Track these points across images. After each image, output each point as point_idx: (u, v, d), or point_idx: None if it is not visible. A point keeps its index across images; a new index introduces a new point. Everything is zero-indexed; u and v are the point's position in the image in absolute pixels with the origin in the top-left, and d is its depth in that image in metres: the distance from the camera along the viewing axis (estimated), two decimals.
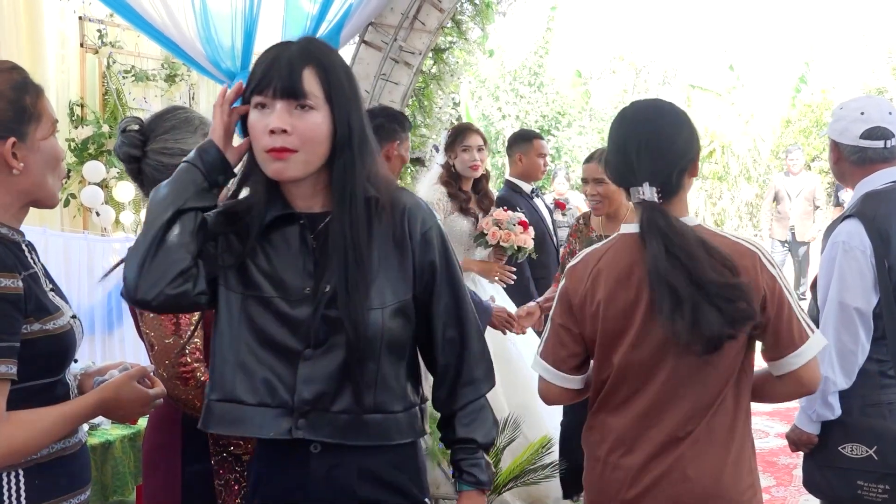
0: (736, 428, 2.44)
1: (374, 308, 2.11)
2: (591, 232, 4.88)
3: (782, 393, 2.57)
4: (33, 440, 2.09)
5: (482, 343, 2.31)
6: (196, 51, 5.34)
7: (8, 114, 2.13)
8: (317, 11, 5.18)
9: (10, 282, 2.05)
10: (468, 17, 5.49)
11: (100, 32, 6.99)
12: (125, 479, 4.41)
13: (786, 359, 2.45)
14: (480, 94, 16.89)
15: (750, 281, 2.34)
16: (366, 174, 2.14)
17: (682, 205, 2.54)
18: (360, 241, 2.10)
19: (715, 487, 2.40)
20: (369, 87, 5.24)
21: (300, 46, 2.11)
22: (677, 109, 2.64)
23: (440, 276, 2.22)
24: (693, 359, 2.35)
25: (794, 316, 2.44)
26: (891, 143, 3.27)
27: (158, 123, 2.77)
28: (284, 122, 2.04)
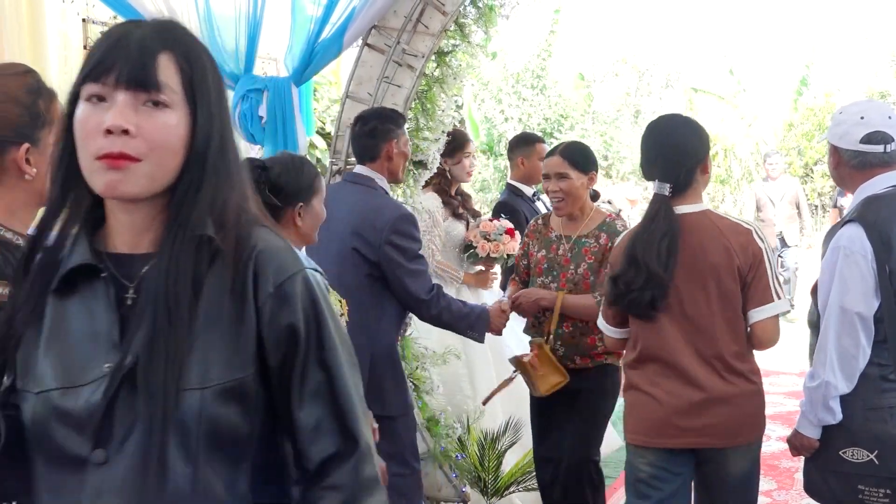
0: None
1: (191, 388, 1.53)
2: (550, 232, 4.44)
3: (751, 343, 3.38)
4: None
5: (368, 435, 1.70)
6: None
7: (23, 119, 2.13)
8: (320, 14, 5.19)
9: (2, 290, 2.01)
10: (471, 20, 5.50)
11: None
12: None
13: (750, 312, 3.30)
14: (483, 96, 16.90)
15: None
16: (211, 201, 1.60)
17: (695, 195, 3.37)
18: (180, 295, 1.55)
19: None
20: (372, 90, 5.25)
21: (157, 26, 1.63)
22: (689, 121, 3.54)
23: (305, 344, 1.63)
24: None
25: (767, 283, 3.29)
26: (890, 147, 3.27)
27: None
28: (127, 119, 1.53)
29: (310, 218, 3.31)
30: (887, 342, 3.16)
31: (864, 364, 3.17)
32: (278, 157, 3.47)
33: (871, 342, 3.17)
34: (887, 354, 3.17)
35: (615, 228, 4.26)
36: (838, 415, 3.21)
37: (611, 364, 4.35)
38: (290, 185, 3.26)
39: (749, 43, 20.76)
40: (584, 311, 4.22)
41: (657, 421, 3.33)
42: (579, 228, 4.34)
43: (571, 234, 4.35)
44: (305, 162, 3.46)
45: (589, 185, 4.35)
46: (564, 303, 4.25)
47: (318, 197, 3.34)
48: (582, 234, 4.33)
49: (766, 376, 9.46)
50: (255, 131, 5.38)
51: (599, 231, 4.30)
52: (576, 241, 4.33)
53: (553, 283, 4.34)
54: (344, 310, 3.49)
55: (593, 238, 4.29)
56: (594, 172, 4.39)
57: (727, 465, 3.33)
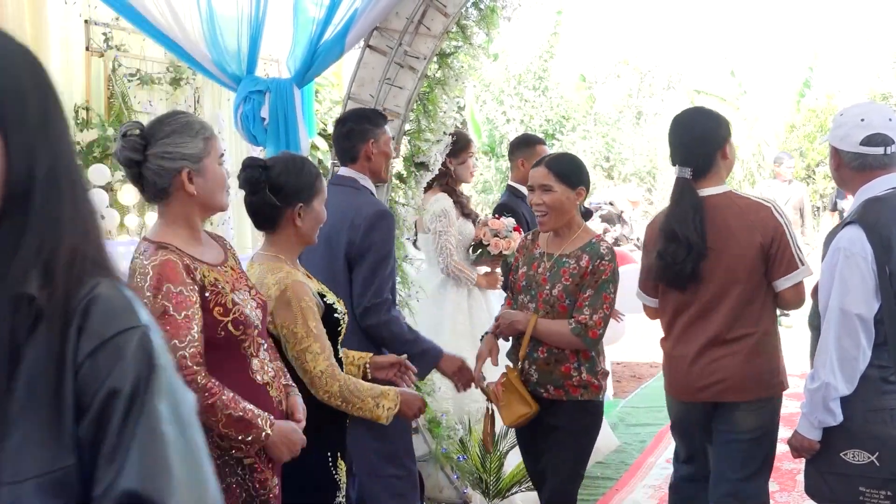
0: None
1: (6, 483, 1.25)
2: (536, 248, 4.16)
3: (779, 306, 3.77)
4: None
5: None
6: (202, 54, 5.36)
7: None
8: (322, 15, 5.20)
9: None
10: (473, 22, 5.51)
11: (105, 36, 7.02)
12: None
13: (777, 281, 3.65)
14: (485, 98, 16.90)
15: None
16: (37, 250, 1.30)
17: (717, 177, 3.73)
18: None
19: None
20: (374, 92, 5.26)
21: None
22: (708, 112, 3.95)
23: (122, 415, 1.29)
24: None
25: (791, 253, 3.61)
26: (891, 149, 3.28)
27: (159, 128, 2.79)
28: None
29: (310, 219, 3.31)
30: (888, 344, 3.16)
31: (864, 366, 3.18)
32: (279, 156, 3.48)
33: (872, 344, 3.17)
34: (887, 356, 3.17)
35: (598, 250, 3.93)
36: (839, 416, 3.21)
37: (590, 401, 4.02)
38: (290, 185, 3.26)
39: (751, 44, 20.73)
40: (555, 338, 3.95)
41: (678, 381, 3.87)
42: (563, 247, 4.04)
43: (554, 252, 4.05)
44: (307, 162, 3.46)
45: (577, 200, 4.03)
46: (536, 328, 3.95)
47: (319, 198, 3.34)
48: (564, 254, 4.01)
49: None
50: (257, 133, 5.39)
51: (582, 252, 3.96)
52: (556, 260, 4.01)
53: (531, 303, 4.05)
54: (345, 309, 3.50)
55: (574, 259, 3.96)
56: (583, 188, 4.04)
57: (737, 421, 3.75)
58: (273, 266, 3.27)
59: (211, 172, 2.84)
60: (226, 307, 2.79)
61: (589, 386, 3.97)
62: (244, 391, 2.80)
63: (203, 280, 2.76)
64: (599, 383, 4.01)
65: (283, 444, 2.89)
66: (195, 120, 2.86)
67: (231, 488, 2.81)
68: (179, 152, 2.77)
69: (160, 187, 2.79)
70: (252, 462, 2.85)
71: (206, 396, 2.67)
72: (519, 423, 4.01)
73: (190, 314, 2.68)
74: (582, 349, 3.93)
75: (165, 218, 2.85)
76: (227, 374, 2.78)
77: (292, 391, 3.10)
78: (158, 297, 2.66)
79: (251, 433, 2.77)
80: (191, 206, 2.83)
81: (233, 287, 2.86)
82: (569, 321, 3.90)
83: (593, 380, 3.98)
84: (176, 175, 2.78)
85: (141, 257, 2.75)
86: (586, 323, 3.86)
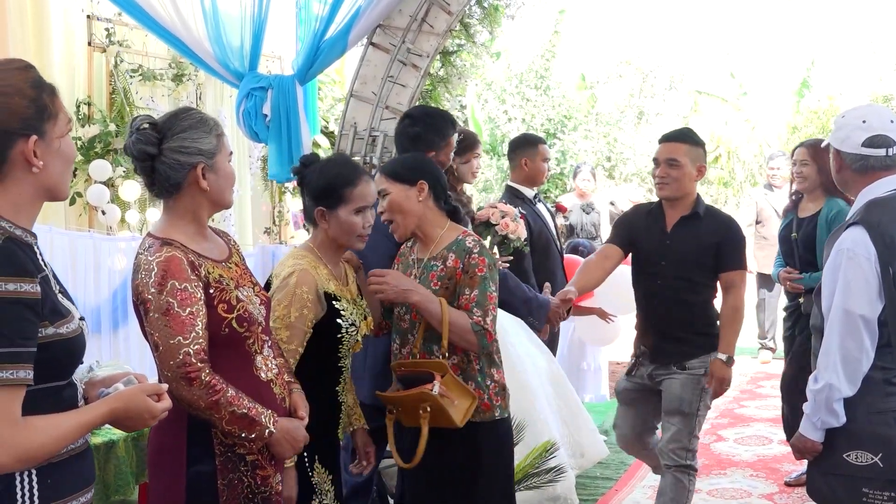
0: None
1: None
2: (411, 255, 3.79)
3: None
4: (49, 446, 2.09)
5: None
6: (204, 51, 5.36)
7: (29, 111, 2.14)
8: (326, 13, 5.21)
9: (30, 286, 2.05)
10: (476, 21, 5.51)
11: (107, 31, 7.01)
12: (127, 479, 4.42)
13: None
14: (486, 96, 16.87)
15: None
16: None
17: None
18: None
19: None
20: (377, 89, 5.26)
21: None
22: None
23: None
24: None
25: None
26: (892, 150, 3.27)
27: (175, 122, 2.80)
28: None
29: (335, 224, 3.38)
30: (891, 345, 3.16)
31: (867, 367, 3.17)
32: (329, 156, 3.56)
33: (875, 345, 3.17)
34: (891, 358, 3.17)
35: (464, 246, 3.58)
36: (842, 418, 3.20)
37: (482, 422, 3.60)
38: (312, 186, 3.43)
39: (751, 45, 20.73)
40: (457, 331, 3.49)
41: None
42: (429, 250, 3.68)
43: (423, 256, 3.70)
44: (335, 168, 3.47)
45: (420, 196, 3.63)
46: (446, 314, 3.49)
47: (348, 206, 3.37)
48: (431, 257, 3.65)
49: (767, 379, 9.49)
50: (259, 129, 5.39)
51: (448, 252, 3.60)
52: (425, 265, 3.65)
53: (406, 315, 3.65)
54: (363, 321, 3.49)
55: (440, 260, 3.61)
56: (424, 182, 3.65)
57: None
58: (301, 253, 3.39)
59: (222, 169, 2.85)
60: (230, 304, 2.79)
61: (479, 404, 3.58)
62: (248, 388, 2.80)
63: (208, 276, 2.76)
64: (491, 401, 3.63)
65: (287, 441, 2.90)
66: (208, 117, 2.88)
67: (233, 484, 2.81)
68: (196, 147, 2.77)
69: (173, 182, 2.79)
70: (255, 458, 2.85)
71: (210, 393, 2.66)
72: (468, 417, 3.49)
73: (194, 311, 2.67)
74: (475, 350, 3.55)
75: (172, 213, 2.84)
76: (231, 371, 2.78)
77: (295, 388, 3.10)
78: (163, 293, 2.66)
79: (255, 430, 2.76)
80: (200, 201, 2.83)
81: (237, 283, 2.85)
82: (469, 316, 3.51)
83: (485, 396, 3.61)
84: (191, 170, 2.78)
85: (146, 253, 2.75)
86: (483, 326, 3.49)
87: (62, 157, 2.23)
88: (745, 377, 9.28)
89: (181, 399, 2.64)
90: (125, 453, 4.43)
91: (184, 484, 2.78)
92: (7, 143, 2.12)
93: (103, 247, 5.90)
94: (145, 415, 2.27)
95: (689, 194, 4.75)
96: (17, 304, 2.02)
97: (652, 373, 4.79)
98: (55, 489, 2.16)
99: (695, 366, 4.65)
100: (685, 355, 4.67)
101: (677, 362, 4.68)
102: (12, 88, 2.13)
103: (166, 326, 2.65)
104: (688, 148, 4.72)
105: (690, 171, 4.69)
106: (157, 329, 2.66)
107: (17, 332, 2.01)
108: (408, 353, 3.62)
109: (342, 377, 3.43)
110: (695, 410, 4.64)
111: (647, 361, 4.82)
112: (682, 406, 4.65)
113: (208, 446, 2.80)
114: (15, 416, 2.02)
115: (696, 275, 4.67)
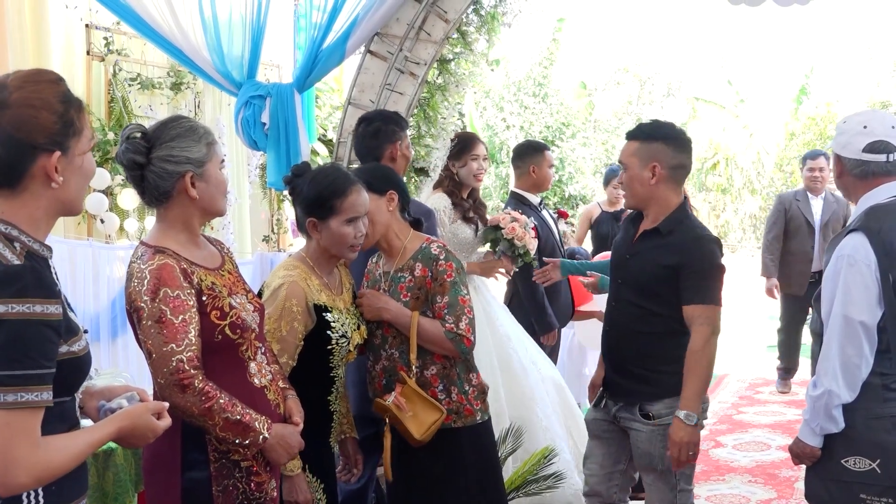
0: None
1: None
2: (377, 269, 3.78)
3: None
4: (65, 465, 2.10)
5: None
6: (203, 59, 5.37)
7: (56, 126, 2.13)
8: (324, 21, 5.21)
9: (55, 308, 2.05)
10: (474, 28, 5.52)
11: (106, 40, 7.01)
12: (126, 487, 4.41)
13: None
14: (485, 104, 16.92)
15: None
16: None
17: None
18: None
19: None
20: (374, 97, 5.27)
21: None
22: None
23: None
24: None
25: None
26: (893, 156, 3.28)
27: (163, 131, 2.80)
28: None
29: (327, 235, 3.37)
30: (890, 351, 3.16)
31: (866, 373, 3.17)
32: (320, 166, 3.60)
33: (874, 351, 3.17)
34: (889, 364, 3.17)
35: (430, 253, 3.59)
36: (841, 423, 3.20)
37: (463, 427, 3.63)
38: (302, 197, 3.42)
39: (749, 52, 20.77)
40: (432, 339, 3.53)
41: None
42: (395, 261, 3.66)
43: (390, 269, 3.68)
44: (327, 178, 3.43)
45: (389, 205, 3.63)
46: (417, 325, 3.51)
47: (339, 217, 3.35)
48: (398, 268, 3.64)
49: (766, 385, 9.45)
50: (257, 137, 5.40)
51: (414, 261, 3.60)
52: (392, 278, 3.64)
53: (378, 330, 3.63)
54: (355, 332, 3.49)
55: (408, 271, 3.60)
56: (394, 192, 3.65)
57: None
58: (293, 264, 3.38)
59: (213, 177, 2.85)
60: (223, 311, 2.79)
61: (461, 410, 3.63)
62: (242, 394, 2.81)
63: (200, 284, 2.76)
64: (472, 406, 3.65)
65: (281, 447, 2.90)
66: (199, 125, 2.87)
67: (228, 490, 2.82)
68: (184, 156, 2.77)
69: (162, 190, 2.79)
70: (250, 465, 2.86)
71: (204, 400, 2.67)
72: (431, 432, 3.50)
73: (187, 318, 2.68)
74: (455, 356, 3.58)
75: (164, 221, 2.85)
76: (225, 378, 2.78)
77: (290, 394, 3.10)
78: (156, 301, 2.66)
79: (249, 437, 2.77)
80: (191, 210, 2.84)
81: (230, 291, 2.86)
82: (441, 324, 3.53)
83: (465, 401, 3.64)
84: (179, 178, 2.78)
85: (138, 261, 2.75)
86: (457, 332, 3.51)
87: (82, 174, 2.22)
88: (743, 383, 9.27)
89: (175, 406, 2.64)
90: (124, 461, 4.42)
91: (179, 490, 2.79)
92: (30, 156, 2.11)
93: (102, 255, 5.91)
94: (148, 433, 2.29)
95: (655, 202, 3.82)
96: (44, 326, 2.02)
97: (616, 414, 3.94)
98: (59, 496, 2.17)
99: (661, 413, 3.76)
100: (645, 396, 3.81)
101: (636, 403, 3.84)
102: (42, 102, 2.12)
103: (159, 334, 2.66)
104: (637, 146, 3.81)
105: (639, 173, 3.77)
106: (150, 336, 2.67)
107: (42, 355, 2.02)
108: (381, 369, 3.66)
109: (334, 387, 3.43)
110: (669, 465, 3.77)
111: (609, 396, 4.01)
112: (652, 463, 3.83)
113: (203, 453, 2.80)
114: (36, 438, 2.03)
115: (651, 302, 3.78)
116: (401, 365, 3.59)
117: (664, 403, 3.76)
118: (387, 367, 3.64)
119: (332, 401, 3.44)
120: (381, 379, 3.66)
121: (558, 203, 15.35)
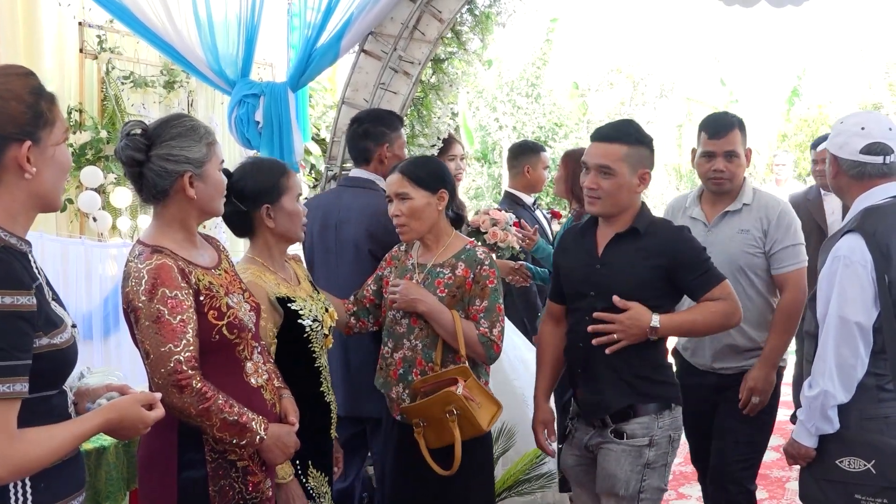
0: None
1: None
2: (408, 259, 3.82)
3: None
4: (44, 458, 2.09)
5: None
6: (196, 57, 5.36)
7: (25, 116, 2.13)
8: (318, 20, 5.21)
9: (26, 299, 2.05)
10: (468, 28, 5.52)
11: (99, 38, 7.01)
12: (118, 485, 4.40)
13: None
14: (478, 104, 16.91)
15: None
16: None
17: None
18: None
19: None
20: (368, 96, 5.27)
21: None
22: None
23: None
24: None
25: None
26: (890, 158, 3.28)
27: (164, 129, 2.79)
28: None
29: (282, 216, 3.35)
30: (885, 352, 3.16)
31: (862, 374, 3.18)
32: (242, 162, 3.52)
33: (870, 352, 3.17)
34: (884, 364, 3.17)
35: (475, 257, 3.64)
36: (836, 424, 3.21)
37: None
38: (250, 189, 3.32)
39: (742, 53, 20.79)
40: (467, 341, 3.56)
41: None
42: (435, 256, 3.72)
43: (426, 262, 3.72)
44: (267, 162, 3.52)
45: (440, 205, 3.68)
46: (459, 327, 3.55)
47: (290, 195, 3.37)
48: (437, 263, 3.69)
49: None
50: (251, 136, 5.39)
51: (457, 260, 3.65)
52: (429, 271, 3.68)
53: (404, 319, 3.67)
54: (324, 316, 3.47)
55: (449, 268, 3.65)
56: (445, 191, 3.69)
57: None
58: (242, 266, 3.34)
59: (211, 178, 2.84)
60: (220, 311, 2.79)
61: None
62: (238, 394, 2.80)
63: (198, 284, 2.75)
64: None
65: (278, 447, 2.90)
66: (200, 124, 2.86)
67: (224, 490, 2.81)
68: (184, 155, 2.77)
69: (160, 189, 2.78)
70: (246, 465, 2.85)
71: (201, 400, 2.66)
72: (493, 423, 3.59)
73: (185, 318, 2.67)
74: (483, 360, 3.63)
75: (161, 220, 2.84)
76: (222, 378, 2.77)
77: (285, 394, 3.10)
78: (153, 301, 2.65)
79: (246, 437, 2.76)
80: (188, 209, 2.83)
81: (227, 290, 2.85)
82: (476, 327, 3.58)
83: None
84: (177, 178, 2.77)
85: (136, 260, 2.74)
86: (489, 337, 3.57)
87: (56, 165, 2.22)
88: None
89: (172, 406, 2.63)
90: (116, 459, 4.41)
91: (175, 490, 2.78)
92: (0, 146, 2.12)
93: (94, 253, 5.90)
94: (139, 424, 2.29)
95: (632, 208, 3.60)
96: (13, 316, 2.02)
97: (587, 443, 3.66)
98: (48, 493, 2.16)
99: (636, 432, 3.50)
100: (623, 411, 3.54)
101: (611, 418, 3.55)
102: (10, 94, 2.13)
103: (157, 334, 2.65)
104: (627, 150, 3.52)
105: (629, 180, 3.53)
106: (148, 337, 2.66)
107: (14, 346, 2.02)
108: (400, 358, 3.69)
109: (322, 377, 3.43)
110: (635, 493, 3.48)
111: (582, 424, 3.71)
112: (615, 487, 3.50)
113: (200, 452, 2.79)
114: (11, 430, 2.02)
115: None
116: (421, 358, 3.64)
117: (641, 423, 3.51)
118: (407, 357, 3.67)
119: (326, 392, 3.44)
120: (399, 367, 3.69)
121: (551, 203, 15.35)
